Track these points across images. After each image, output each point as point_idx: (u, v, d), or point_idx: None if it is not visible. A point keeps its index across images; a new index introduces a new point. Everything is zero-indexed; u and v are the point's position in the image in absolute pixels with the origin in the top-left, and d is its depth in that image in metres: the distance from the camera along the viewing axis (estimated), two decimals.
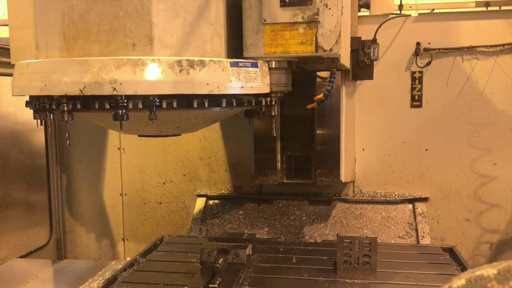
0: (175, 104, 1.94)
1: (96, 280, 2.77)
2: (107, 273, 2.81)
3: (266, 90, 2.25)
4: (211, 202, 3.80)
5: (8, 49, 2.99)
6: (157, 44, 1.96)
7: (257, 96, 2.24)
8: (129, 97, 1.86)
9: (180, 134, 2.35)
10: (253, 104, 2.24)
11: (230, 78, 2.03)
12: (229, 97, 2.09)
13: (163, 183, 4.08)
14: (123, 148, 4.10)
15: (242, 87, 2.08)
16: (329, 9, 2.20)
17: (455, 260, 2.75)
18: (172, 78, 1.89)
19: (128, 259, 2.89)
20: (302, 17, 2.22)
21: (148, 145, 4.03)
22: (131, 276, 2.60)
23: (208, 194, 3.86)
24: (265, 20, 2.25)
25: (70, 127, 1.97)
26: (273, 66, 2.35)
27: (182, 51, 2.02)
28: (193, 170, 4.01)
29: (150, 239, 3.38)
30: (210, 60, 1.99)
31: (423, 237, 3.27)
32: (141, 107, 1.88)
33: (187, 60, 1.93)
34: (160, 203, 4.11)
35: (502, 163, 3.56)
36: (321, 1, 2.20)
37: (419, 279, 2.43)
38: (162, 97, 1.91)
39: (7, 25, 2.97)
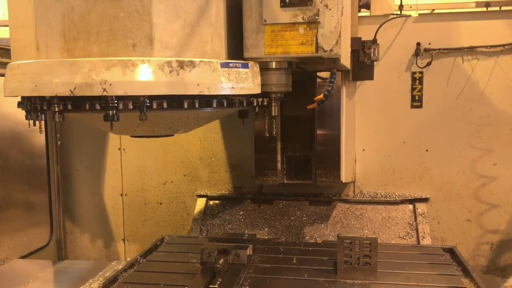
0: (165, 105, 1.94)
1: (97, 280, 2.77)
2: (107, 274, 2.81)
3: (257, 90, 2.25)
4: (211, 202, 3.80)
5: (9, 50, 2.99)
6: (158, 45, 1.96)
7: (248, 96, 2.24)
8: (119, 98, 1.86)
9: (173, 135, 2.35)
10: (244, 104, 2.23)
11: (220, 79, 2.02)
12: (220, 98, 2.08)
13: (164, 184, 4.08)
14: (123, 149, 4.10)
15: (233, 87, 2.07)
16: (329, 9, 2.20)
17: (456, 260, 2.75)
18: (162, 79, 1.89)
19: (129, 259, 2.89)
20: (302, 18, 2.22)
21: (149, 145, 4.03)
22: (132, 277, 2.60)
23: (209, 194, 3.86)
24: (265, 21, 2.25)
25: (71, 127, 1.98)
26: (273, 67, 2.36)
27: (182, 52, 2.02)
28: (194, 171, 4.01)
29: (150, 240, 3.38)
30: (200, 61, 1.99)
31: (423, 237, 3.27)
32: (132, 107, 1.88)
33: (177, 61, 1.93)
34: (161, 203, 4.11)
35: (502, 164, 3.55)
36: (321, 2, 2.20)
37: (420, 279, 2.43)
38: (152, 97, 1.91)
39: (7, 26, 2.97)
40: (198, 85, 1.96)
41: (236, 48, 2.29)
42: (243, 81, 2.12)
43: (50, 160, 4.10)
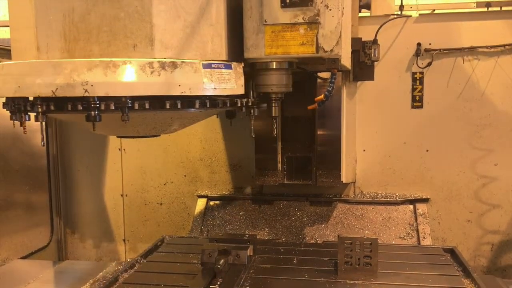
0: (147, 105, 1.95)
1: (97, 281, 2.77)
2: (107, 274, 2.81)
3: (240, 91, 2.24)
4: (212, 203, 3.80)
5: (9, 50, 2.99)
6: (158, 45, 1.96)
7: (232, 97, 2.23)
8: (101, 99, 1.86)
9: (158, 135, 2.35)
10: (228, 105, 2.23)
11: (202, 80, 2.01)
12: (203, 98, 2.08)
13: (164, 184, 4.08)
14: (123, 149, 4.10)
15: (215, 88, 2.06)
16: (330, 10, 2.20)
17: (456, 261, 2.75)
18: (144, 79, 1.88)
19: (129, 260, 2.89)
20: (303, 18, 2.22)
21: (149, 146, 4.03)
22: (132, 277, 2.60)
23: (209, 195, 3.86)
24: (265, 21, 2.25)
25: (71, 128, 1.98)
26: (274, 67, 2.36)
27: (182, 52, 2.02)
28: (194, 171, 4.01)
29: (151, 240, 3.38)
30: (182, 62, 1.98)
31: (424, 238, 3.27)
32: (114, 108, 1.88)
33: (158, 61, 1.92)
34: (161, 204, 4.11)
35: (503, 164, 3.55)
36: (321, 2, 2.20)
37: (420, 280, 2.42)
38: (134, 98, 1.91)
39: (7, 26, 2.97)
40: (180, 85, 1.95)
41: (236, 48, 2.29)
42: (226, 82, 2.12)
43: (51, 161, 4.10)
